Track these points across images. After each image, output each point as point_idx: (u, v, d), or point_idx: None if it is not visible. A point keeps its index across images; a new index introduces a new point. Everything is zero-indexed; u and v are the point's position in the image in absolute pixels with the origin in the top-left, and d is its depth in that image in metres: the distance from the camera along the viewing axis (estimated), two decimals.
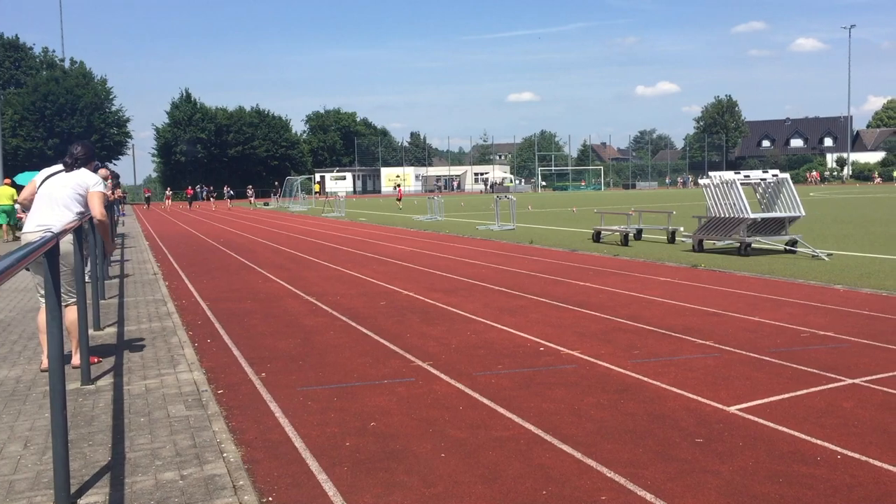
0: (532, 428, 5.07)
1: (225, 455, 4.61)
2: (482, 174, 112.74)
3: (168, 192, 68.68)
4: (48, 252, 3.99)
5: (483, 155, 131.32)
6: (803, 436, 4.80)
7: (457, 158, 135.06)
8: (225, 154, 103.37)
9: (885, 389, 5.76)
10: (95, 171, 7.91)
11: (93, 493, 4.11)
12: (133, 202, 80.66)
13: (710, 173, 16.71)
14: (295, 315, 9.74)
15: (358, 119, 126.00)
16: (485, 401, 5.71)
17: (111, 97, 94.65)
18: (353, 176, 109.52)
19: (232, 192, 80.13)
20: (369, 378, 6.48)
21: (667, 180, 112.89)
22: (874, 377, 6.08)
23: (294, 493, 4.09)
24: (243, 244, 22.14)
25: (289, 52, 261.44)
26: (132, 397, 6.00)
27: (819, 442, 4.68)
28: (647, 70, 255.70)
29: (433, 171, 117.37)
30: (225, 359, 7.34)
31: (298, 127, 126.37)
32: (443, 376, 6.46)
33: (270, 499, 4.02)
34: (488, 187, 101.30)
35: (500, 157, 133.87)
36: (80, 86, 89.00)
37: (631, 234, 18.73)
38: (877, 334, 7.63)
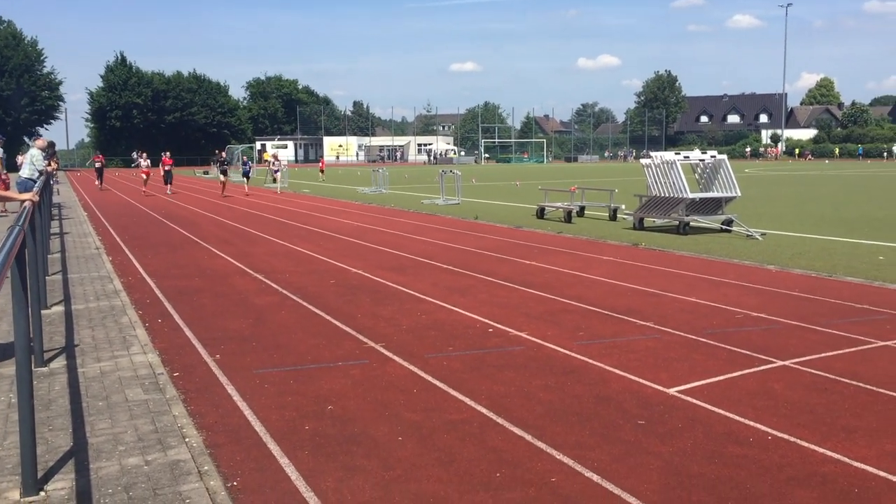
0: (484, 410, 5.29)
1: (187, 440, 4.73)
2: (426, 145, 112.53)
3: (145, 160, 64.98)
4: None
5: (426, 125, 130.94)
6: (737, 417, 5.12)
7: (400, 129, 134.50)
8: (162, 120, 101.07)
9: (813, 371, 6.13)
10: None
11: (59, 479, 4.19)
12: (67, 167, 78.36)
13: (652, 153, 17.14)
14: (245, 293, 9.79)
15: (300, 86, 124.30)
16: (438, 383, 5.92)
17: (42, 59, 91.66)
18: (295, 145, 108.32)
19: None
20: (324, 360, 6.62)
21: (606, 153, 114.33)
22: (803, 359, 6.47)
23: (258, 478, 4.24)
24: (186, 217, 21.88)
25: (228, 15, 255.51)
26: (88, 380, 6.04)
27: (751, 423, 5.01)
28: (588, 43, 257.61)
29: (376, 141, 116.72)
30: (178, 340, 7.40)
31: (238, 94, 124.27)
32: (396, 358, 6.64)
33: (235, 483, 4.16)
34: (432, 159, 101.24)
35: (443, 127, 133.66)
36: (10, 47, 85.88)
37: (574, 212, 19.10)
38: (806, 316, 8.06)
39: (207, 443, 4.71)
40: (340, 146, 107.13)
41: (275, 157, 39.20)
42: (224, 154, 34.60)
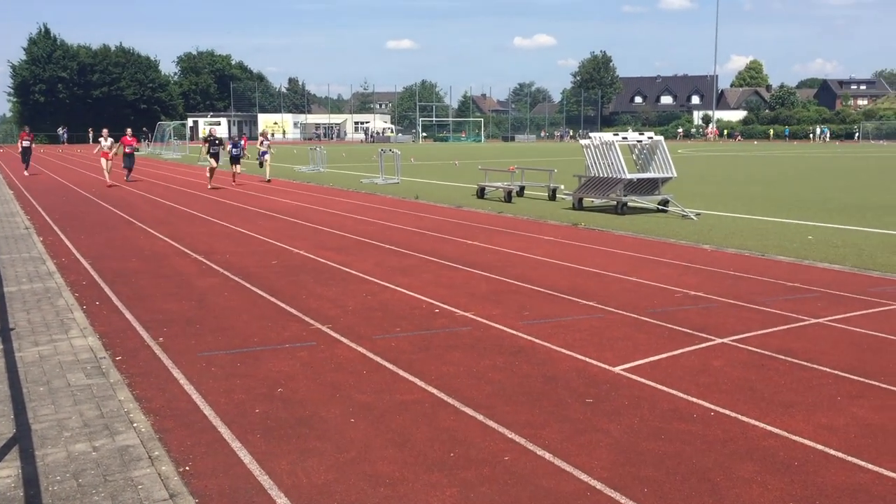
0: (435, 391, 5.33)
1: (135, 425, 4.65)
2: (363, 123, 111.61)
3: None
4: None
5: (363, 103, 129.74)
6: (681, 394, 5.27)
7: (336, 106, 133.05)
8: (89, 95, 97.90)
9: (750, 348, 6.34)
10: None
11: (3, 467, 4.08)
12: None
13: (591, 134, 17.35)
14: (185, 275, 9.61)
15: (233, 62, 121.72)
16: (387, 364, 5.93)
17: None
18: (229, 121, 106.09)
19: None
20: (270, 342, 6.57)
21: (542, 133, 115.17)
22: (740, 336, 6.67)
23: (210, 462, 4.20)
24: (119, 195, 21.32)
25: None
26: (26, 365, 5.87)
27: (695, 400, 5.16)
28: (524, 22, 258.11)
29: (312, 118, 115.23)
30: (118, 323, 7.24)
31: (169, 68, 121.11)
32: (343, 340, 6.62)
33: (187, 468, 4.12)
34: (369, 137, 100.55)
35: (380, 106, 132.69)
36: None
37: (514, 192, 19.24)
38: (741, 294, 8.30)
39: (156, 427, 4.64)
40: (275, 123, 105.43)
41: (263, 134, 29.43)
42: (214, 132, 26.19)
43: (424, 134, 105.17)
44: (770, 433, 4.60)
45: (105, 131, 25.97)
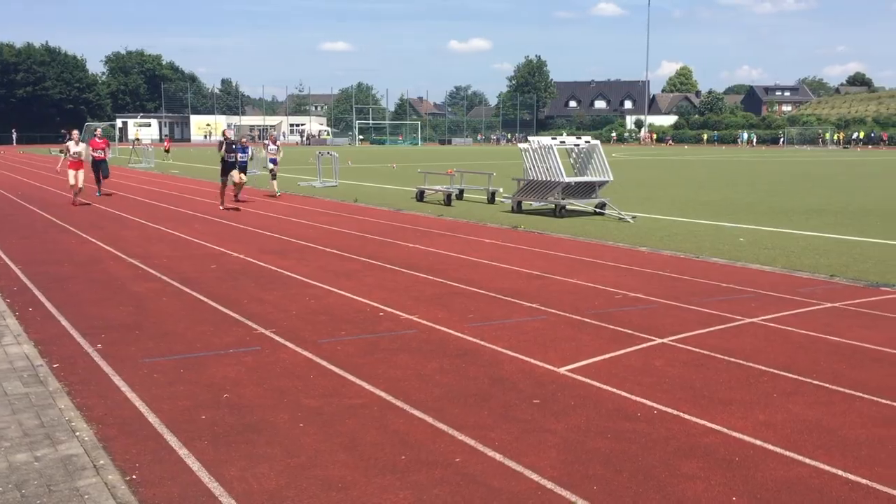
0: (383, 394, 5.34)
1: (78, 434, 4.54)
2: (299, 125, 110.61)
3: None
4: None
5: (299, 105, 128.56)
6: (625, 393, 5.38)
7: (271, 108, 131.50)
8: (13, 95, 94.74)
9: (689, 348, 6.51)
10: None
11: None
12: None
13: (529, 138, 17.56)
14: (121, 280, 9.40)
15: (164, 62, 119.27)
16: (334, 368, 5.91)
17: None
18: (160, 123, 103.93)
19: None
20: (213, 347, 6.48)
21: (479, 137, 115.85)
22: (679, 336, 6.85)
23: (157, 470, 4.13)
24: (46, 198, 20.70)
25: None
26: None
27: (638, 399, 5.28)
28: (460, 25, 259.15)
29: (247, 120, 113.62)
30: (53, 329, 7.04)
31: (97, 68, 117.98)
32: (288, 344, 6.57)
33: (134, 476, 4.04)
34: (305, 139, 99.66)
35: (316, 108, 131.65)
36: None
37: (453, 195, 19.32)
38: (679, 295, 8.51)
39: (99, 436, 4.54)
40: (208, 125, 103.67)
41: (272, 139, 22.71)
42: (229, 134, 19.31)
43: (361, 137, 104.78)
44: (711, 430, 4.74)
45: (75, 133, 19.21)
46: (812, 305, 8.07)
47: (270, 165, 21.76)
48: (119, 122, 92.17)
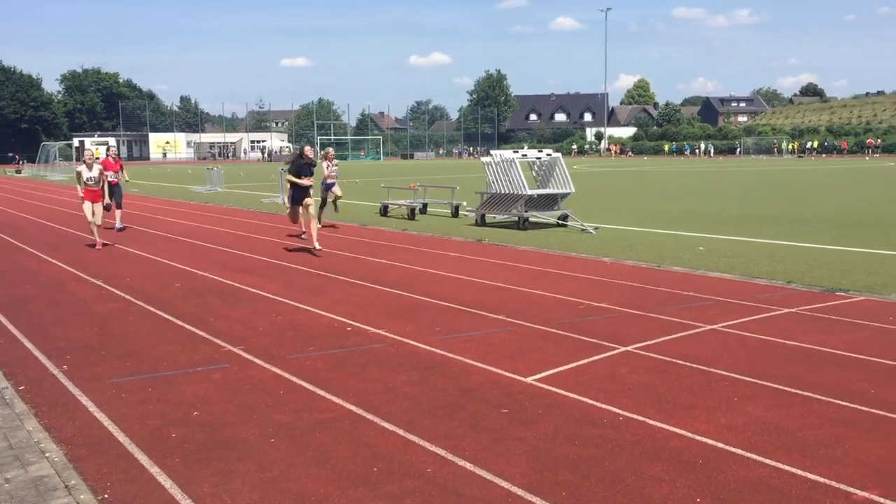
0: (353, 408, 5.38)
1: (48, 455, 4.52)
2: (259, 142, 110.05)
3: None
4: None
5: (259, 122, 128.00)
6: (591, 401, 5.49)
7: (231, 125, 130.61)
8: None
9: (652, 355, 6.65)
10: None
11: None
12: None
13: (492, 152, 17.73)
14: (84, 301, 9.32)
15: (121, 80, 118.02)
16: (304, 384, 5.94)
17: None
18: (118, 141, 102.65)
19: None
20: (181, 366, 6.47)
21: (441, 151, 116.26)
22: (643, 344, 6.99)
23: (129, 488, 4.13)
24: (4, 220, 20.39)
25: (37, 1, 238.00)
26: None
27: (604, 406, 5.39)
28: (420, 41, 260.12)
29: (207, 137, 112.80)
30: (18, 352, 6.98)
31: (52, 87, 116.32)
32: (257, 361, 6.59)
33: (106, 496, 4.04)
34: (266, 156, 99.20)
35: (277, 124, 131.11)
36: None
37: (417, 209, 19.41)
38: (641, 304, 8.67)
39: (70, 456, 4.53)
40: (167, 143, 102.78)
41: (328, 155, 17.19)
42: (310, 153, 13.91)
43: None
44: (675, 434, 4.86)
45: (88, 154, 14.58)
46: (770, 311, 8.28)
47: (333, 191, 16.98)
48: (76, 142, 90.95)
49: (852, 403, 5.37)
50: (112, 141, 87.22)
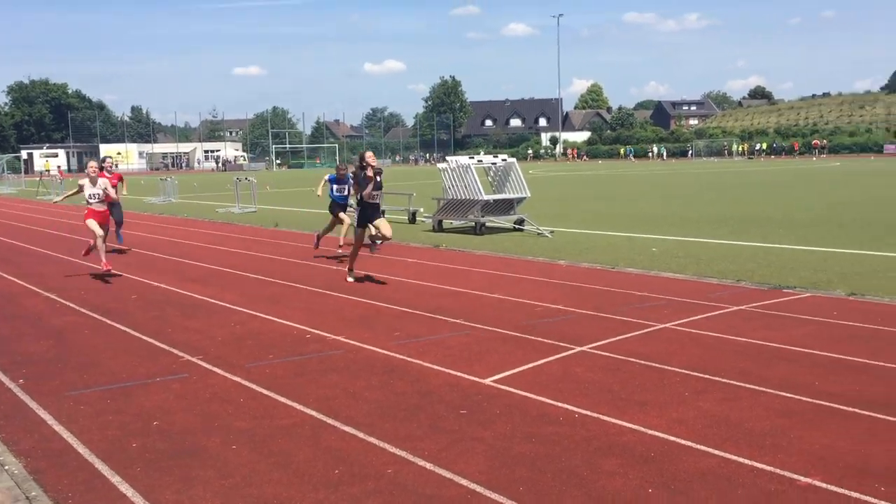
0: (314, 413, 5.44)
1: (7, 468, 4.51)
2: (213, 152, 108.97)
3: None
4: None
5: (213, 131, 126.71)
6: (547, 400, 5.62)
7: (184, 135, 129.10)
8: None
9: (607, 354, 6.81)
10: None
11: None
12: None
13: (447, 158, 17.88)
14: (39, 314, 9.22)
15: (70, 91, 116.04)
16: (264, 391, 5.98)
17: None
18: (67, 153, 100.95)
19: None
20: (139, 377, 6.46)
21: (397, 158, 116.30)
22: (598, 343, 7.15)
23: (91, 499, 4.15)
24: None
25: None
26: None
27: (560, 404, 5.52)
28: (373, 47, 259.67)
29: (159, 147, 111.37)
30: None
31: None
32: (216, 370, 6.60)
33: None
34: (220, 165, 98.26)
35: (231, 133, 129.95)
36: None
37: None
38: (597, 305, 8.85)
39: (29, 469, 4.52)
40: (119, 154, 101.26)
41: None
42: (371, 159, 11.11)
43: (279, 161, 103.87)
44: (629, 429, 5.01)
45: (92, 165, 12.10)
46: (720, 309, 8.51)
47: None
48: (24, 154, 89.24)
49: (797, 395, 5.58)
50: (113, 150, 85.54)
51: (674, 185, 35.07)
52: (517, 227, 17.14)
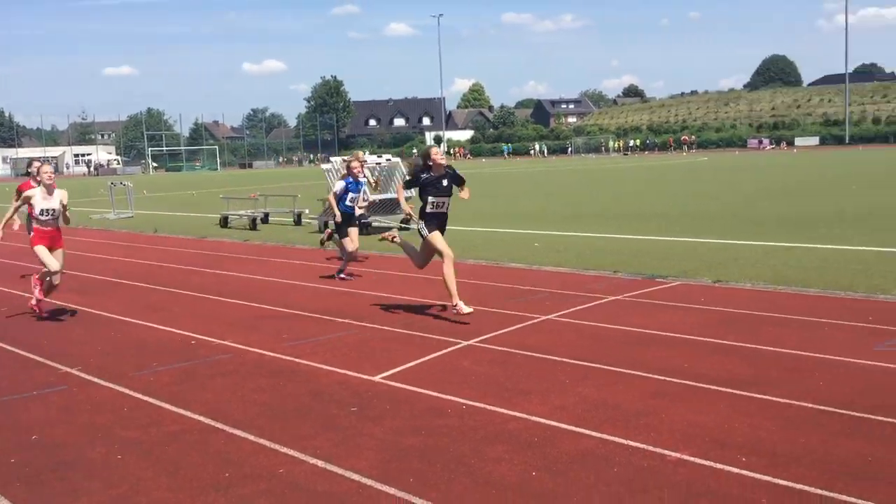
0: (202, 419, 5.40)
1: None
2: (84, 155, 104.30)
3: None
4: None
5: (83, 134, 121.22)
6: (436, 393, 5.77)
7: (52, 138, 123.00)
8: None
9: (492, 347, 7.03)
10: None
11: None
12: None
13: (332, 159, 17.85)
14: None
15: None
16: (149, 399, 5.87)
17: None
18: None
19: None
20: (15, 392, 6.22)
21: (281, 159, 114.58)
22: (484, 337, 7.36)
23: None
24: None
25: None
26: None
27: (448, 397, 5.68)
28: (252, 47, 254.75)
29: (24, 152, 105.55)
30: None
31: None
32: (98, 381, 6.43)
33: None
34: (93, 170, 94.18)
35: (103, 136, 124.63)
36: None
37: (259, 219, 19.20)
38: (482, 300, 9.08)
39: None
40: None
41: (353, 164, 11.82)
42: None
43: (155, 164, 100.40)
44: (514, 417, 5.21)
45: (46, 170, 9.35)
46: (598, 299, 8.90)
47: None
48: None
49: (669, 377, 5.93)
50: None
51: (555, 183, 36.07)
52: (403, 226, 17.27)
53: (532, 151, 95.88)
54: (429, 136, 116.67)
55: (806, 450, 4.49)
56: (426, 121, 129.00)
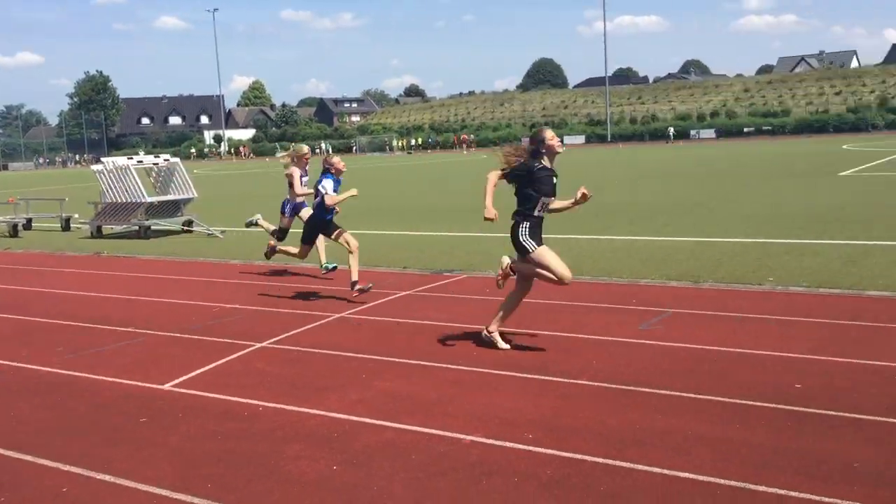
0: None
1: None
2: None
3: None
4: None
5: None
6: (230, 398, 5.65)
7: None
8: None
9: (286, 347, 6.98)
10: None
11: None
12: None
13: (103, 159, 16.82)
14: None
15: None
16: None
17: None
18: None
19: None
20: None
21: (41, 160, 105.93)
22: (276, 338, 7.29)
23: None
24: None
25: None
26: None
27: (243, 400, 5.58)
28: (2, 39, 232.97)
29: None
30: None
31: None
32: None
33: None
34: None
35: None
36: None
37: (21, 225, 17.69)
38: (273, 302, 8.98)
39: None
40: None
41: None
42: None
43: None
44: (312, 415, 5.23)
45: None
46: (390, 295, 9.08)
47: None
48: None
49: (462, 366, 6.19)
50: None
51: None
52: (186, 228, 16.62)
53: (318, 150, 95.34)
54: (208, 135, 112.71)
55: (585, 422, 4.88)
56: (204, 119, 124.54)
